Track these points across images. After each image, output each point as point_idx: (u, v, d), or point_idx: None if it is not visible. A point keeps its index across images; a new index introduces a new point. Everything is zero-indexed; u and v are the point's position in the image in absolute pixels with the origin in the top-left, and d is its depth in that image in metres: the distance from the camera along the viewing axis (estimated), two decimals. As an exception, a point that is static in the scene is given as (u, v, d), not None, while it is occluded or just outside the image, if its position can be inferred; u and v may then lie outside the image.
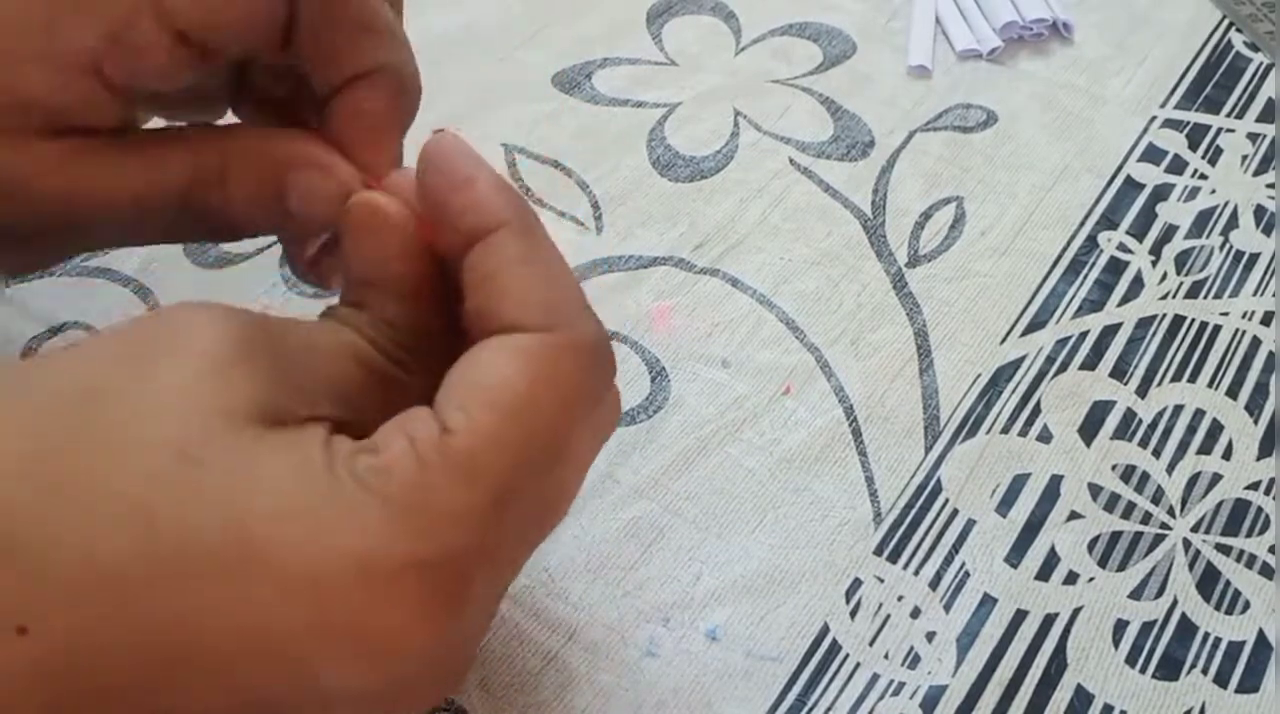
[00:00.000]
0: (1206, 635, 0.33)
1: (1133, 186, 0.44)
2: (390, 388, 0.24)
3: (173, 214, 0.27)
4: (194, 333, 0.22)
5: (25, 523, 0.20)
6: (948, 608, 0.33)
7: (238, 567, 0.20)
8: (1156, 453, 0.36)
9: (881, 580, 0.33)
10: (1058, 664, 0.32)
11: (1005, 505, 0.35)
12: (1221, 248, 0.42)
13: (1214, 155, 0.45)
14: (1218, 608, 0.33)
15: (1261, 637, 0.33)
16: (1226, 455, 0.36)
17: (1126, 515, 0.35)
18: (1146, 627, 0.33)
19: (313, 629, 0.21)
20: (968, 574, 0.34)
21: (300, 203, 0.27)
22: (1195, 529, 0.35)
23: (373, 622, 0.21)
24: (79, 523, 0.20)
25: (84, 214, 0.26)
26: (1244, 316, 0.40)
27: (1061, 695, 0.31)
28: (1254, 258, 0.42)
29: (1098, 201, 0.44)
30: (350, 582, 0.20)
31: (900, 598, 0.33)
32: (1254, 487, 0.36)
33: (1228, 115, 0.47)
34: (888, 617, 0.33)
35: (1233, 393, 0.38)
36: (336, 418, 0.23)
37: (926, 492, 0.35)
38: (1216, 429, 0.37)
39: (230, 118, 0.31)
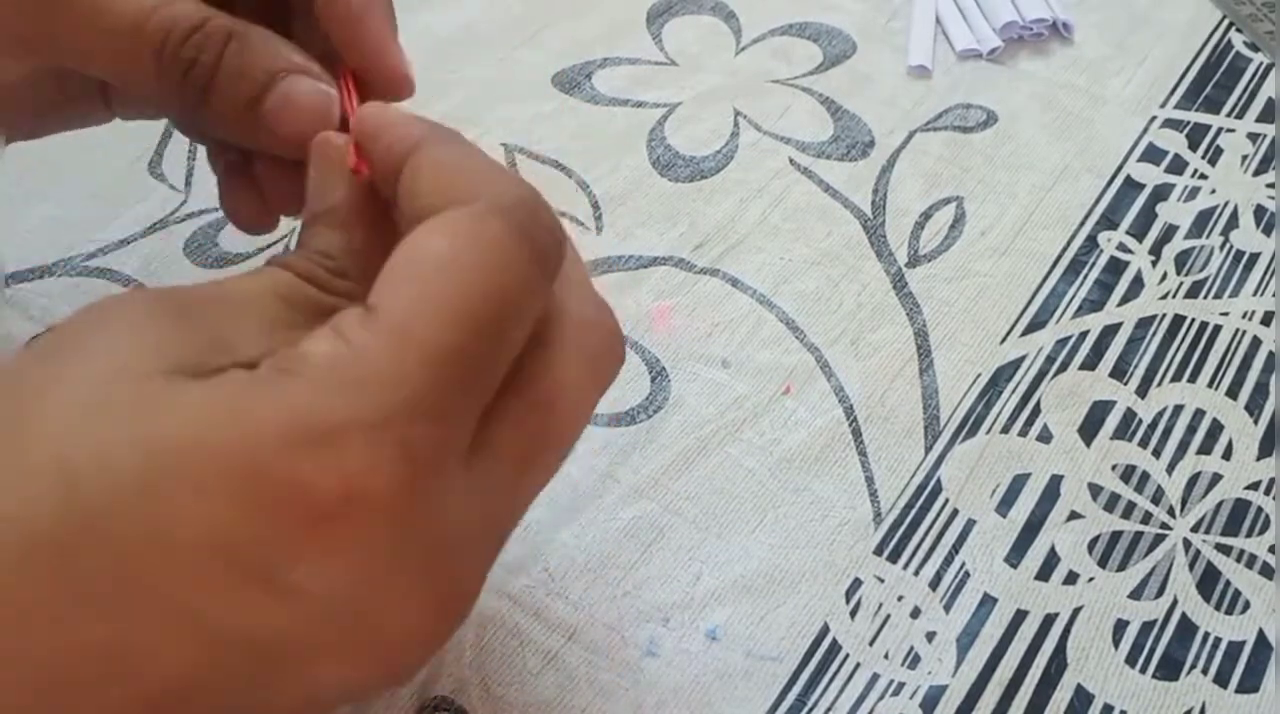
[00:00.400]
0: (1206, 635, 0.33)
1: (1133, 186, 0.44)
2: (326, 317, 0.23)
3: (159, 61, 0.27)
4: (98, 317, 0.22)
5: None
6: (948, 608, 0.33)
7: (169, 488, 0.19)
8: (1156, 453, 0.36)
9: (881, 580, 0.33)
10: (1058, 664, 0.32)
11: (1005, 505, 0.35)
12: (1221, 248, 0.42)
13: (1214, 155, 0.45)
14: (1218, 608, 0.33)
15: (1261, 637, 0.33)
16: (1226, 455, 0.36)
17: (1126, 515, 0.35)
18: (1146, 627, 0.33)
19: (252, 515, 0.19)
20: (968, 574, 0.34)
21: (276, 104, 0.27)
22: (1195, 529, 0.35)
23: (308, 489, 0.19)
24: (3, 491, 0.19)
25: (80, 12, 0.26)
26: (1244, 316, 0.40)
27: (1061, 695, 0.31)
28: (1254, 258, 0.42)
29: (1098, 201, 0.44)
30: (276, 453, 0.19)
31: (900, 598, 0.33)
32: (1254, 487, 0.36)
33: (1228, 115, 0.47)
34: (888, 617, 0.33)
35: (1233, 393, 0.38)
36: (259, 359, 0.22)
37: (926, 492, 0.35)
38: (1216, 429, 0.37)
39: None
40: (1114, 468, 0.36)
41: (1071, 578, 0.34)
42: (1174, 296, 0.41)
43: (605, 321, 0.25)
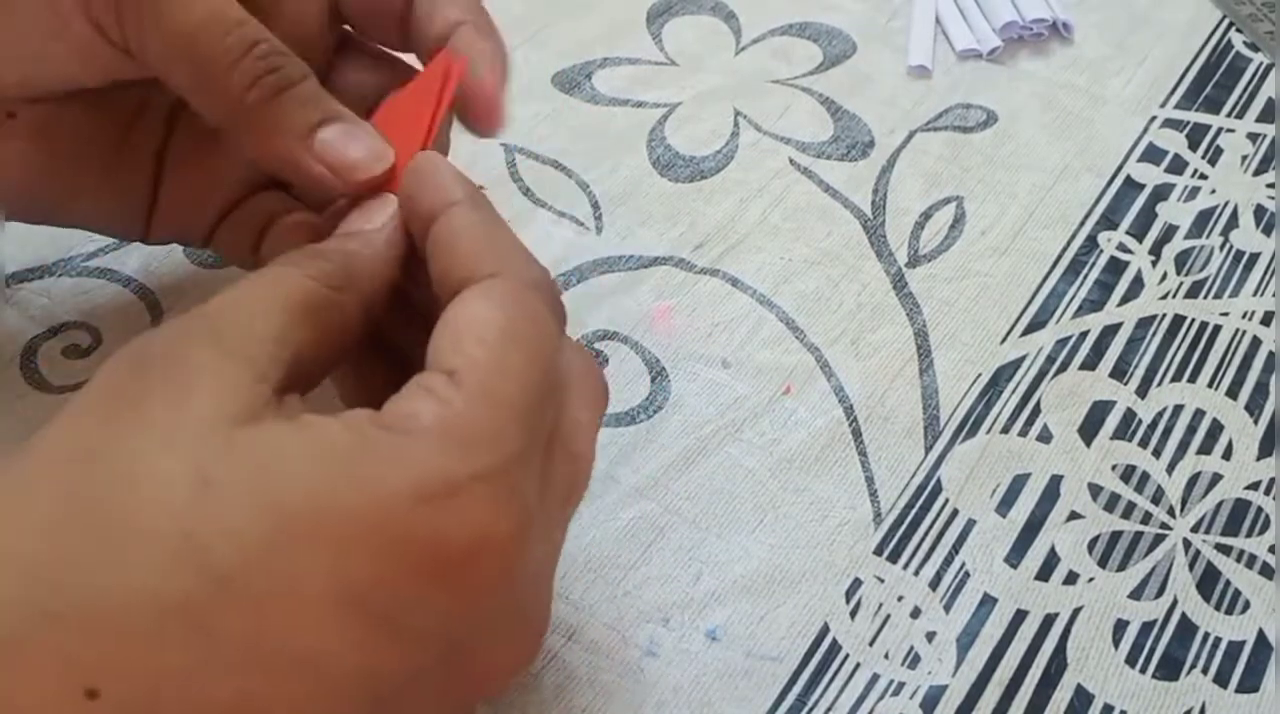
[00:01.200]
0: (1206, 635, 0.33)
1: (1133, 186, 0.44)
2: (326, 309, 0.25)
3: (222, 67, 0.28)
4: (142, 374, 0.22)
5: (72, 577, 0.20)
6: (948, 608, 0.33)
7: (297, 548, 0.20)
8: (1156, 453, 0.36)
9: (881, 580, 0.33)
10: (1058, 664, 0.32)
11: (1005, 505, 0.35)
12: (1221, 248, 0.42)
13: (1214, 155, 0.45)
14: (1218, 608, 0.33)
15: (1261, 637, 0.33)
16: (1226, 455, 0.36)
17: (1126, 515, 0.35)
18: (1146, 627, 0.33)
19: (385, 569, 0.21)
20: (968, 574, 0.34)
21: (332, 143, 0.28)
22: (1195, 529, 0.35)
23: (440, 540, 0.21)
24: (127, 567, 0.20)
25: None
26: (1244, 316, 0.40)
27: (1061, 695, 0.31)
28: (1254, 258, 0.42)
29: (1098, 201, 0.44)
30: (412, 509, 0.21)
31: (900, 598, 0.33)
32: (1254, 487, 0.36)
33: (1228, 115, 0.47)
34: (888, 617, 0.33)
35: (1233, 393, 0.38)
36: (288, 366, 0.23)
37: (926, 492, 0.35)
38: (1216, 429, 0.37)
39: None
40: (1114, 468, 0.36)
41: (1071, 578, 0.34)
42: (1174, 296, 0.41)
43: (594, 368, 0.28)
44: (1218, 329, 0.40)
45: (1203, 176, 0.45)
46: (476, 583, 0.22)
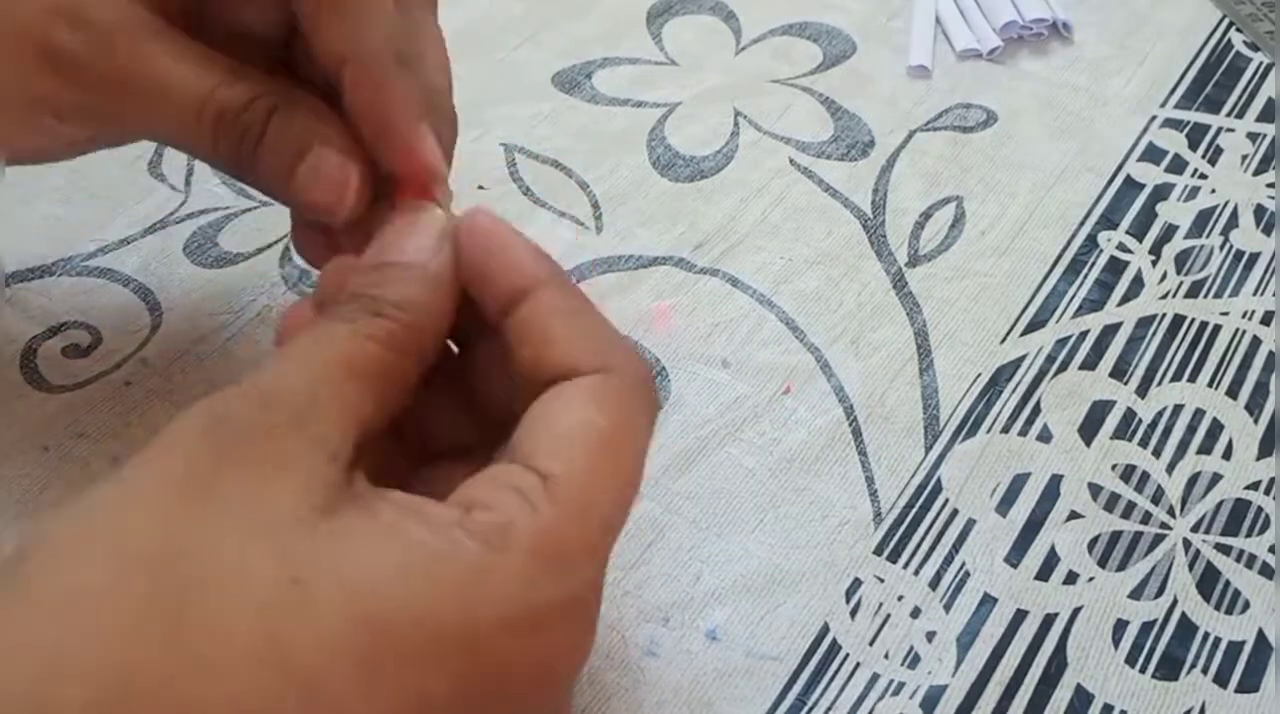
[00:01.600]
0: (1206, 635, 0.33)
1: (1133, 186, 0.44)
2: (390, 375, 0.24)
3: (214, 135, 0.28)
4: (218, 459, 0.22)
5: (155, 685, 0.19)
6: (948, 608, 0.33)
7: (386, 662, 0.20)
8: (1156, 453, 0.36)
9: (881, 580, 0.33)
10: (1058, 664, 0.32)
11: (1005, 505, 0.35)
12: (1221, 248, 0.42)
13: (1214, 155, 0.45)
14: (1218, 608, 0.33)
15: (1261, 637, 0.33)
16: (1226, 455, 0.36)
17: (1126, 515, 0.35)
18: (1146, 626, 0.33)
19: (462, 692, 0.21)
20: (968, 574, 0.34)
21: (302, 176, 0.28)
22: (1195, 529, 0.35)
23: (517, 667, 0.22)
24: (209, 673, 0.19)
25: (142, 92, 0.28)
26: (1244, 316, 0.40)
27: (1061, 695, 0.31)
28: (1254, 258, 0.42)
29: (1098, 201, 0.44)
30: (497, 637, 0.21)
31: (900, 598, 0.33)
32: (1254, 487, 0.36)
33: (1228, 115, 0.47)
34: (888, 616, 0.33)
35: (1233, 393, 0.38)
36: (356, 441, 0.23)
37: (926, 491, 0.35)
38: (1216, 429, 0.37)
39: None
40: (1114, 468, 0.36)
41: (1071, 578, 0.34)
42: (1174, 296, 0.41)
43: None
44: (1218, 329, 0.40)
45: (1203, 176, 0.45)
46: (541, 698, 0.23)
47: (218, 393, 0.23)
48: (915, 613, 0.33)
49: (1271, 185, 0.44)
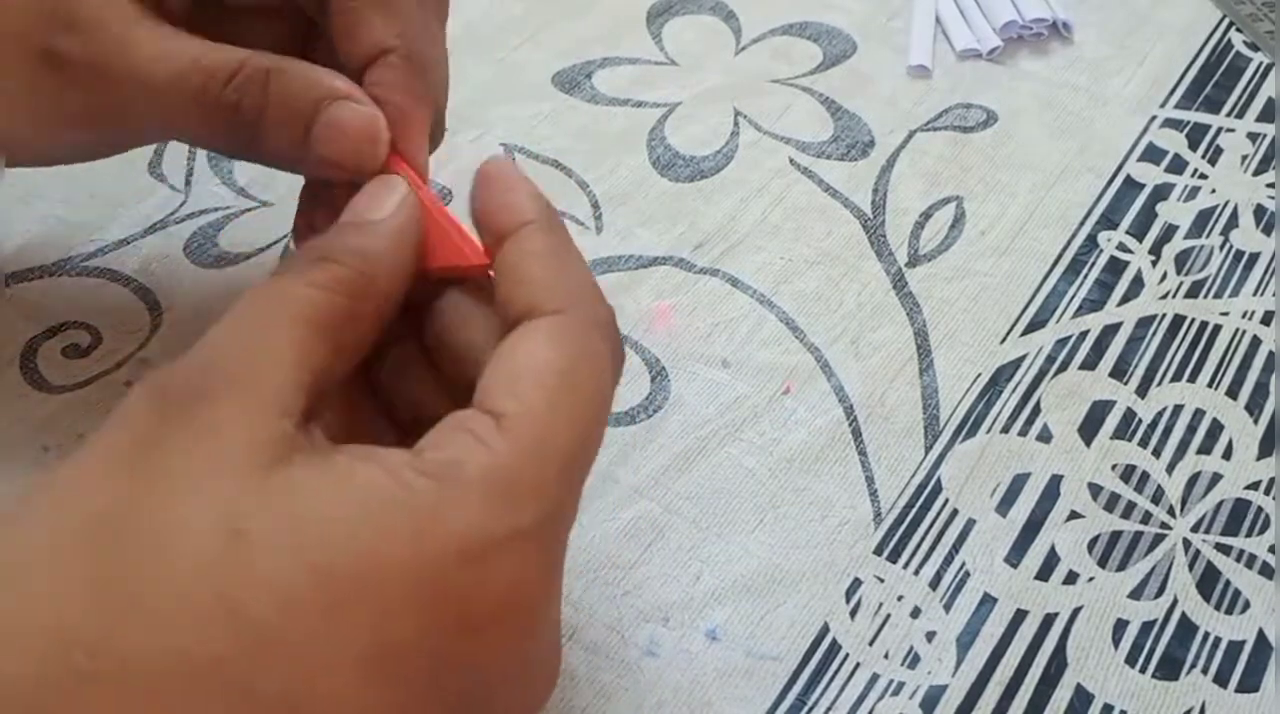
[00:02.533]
0: (1206, 635, 0.33)
1: (1133, 186, 0.44)
2: (344, 323, 0.24)
3: (204, 109, 0.28)
4: (165, 417, 0.22)
5: (106, 642, 0.19)
6: (948, 608, 0.33)
7: (339, 607, 0.20)
8: (1156, 453, 0.36)
9: (881, 580, 0.33)
10: (1058, 664, 0.32)
11: (1005, 505, 0.35)
12: (1221, 248, 0.42)
13: (1214, 155, 0.45)
14: (1218, 608, 0.33)
15: (1261, 637, 0.33)
16: (1226, 455, 0.36)
17: (1126, 515, 0.35)
18: (1146, 626, 0.33)
19: (426, 627, 0.21)
20: (968, 574, 0.34)
21: (323, 130, 0.28)
22: (1195, 529, 0.35)
23: (478, 597, 0.21)
24: (160, 629, 0.20)
25: (130, 79, 0.27)
26: (1244, 316, 0.40)
27: (1061, 695, 0.31)
28: (1254, 258, 0.42)
29: (1098, 201, 0.44)
30: (453, 568, 0.21)
31: (900, 598, 0.33)
32: (1254, 487, 0.36)
33: (1228, 115, 0.47)
34: (888, 616, 0.33)
35: (1233, 393, 0.38)
36: (308, 392, 0.23)
37: (926, 491, 0.35)
38: (1216, 429, 0.37)
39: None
40: (1114, 468, 0.36)
41: (1071, 578, 0.34)
42: (1174, 296, 0.41)
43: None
44: (1218, 329, 0.40)
45: (1203, 176, 0.45)
46: (507, 635, 0.22)
47: (165, 365, 0.23)
48: (915, 613, 0.33)
49: (1271, 185, 0.44)
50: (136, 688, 0.19)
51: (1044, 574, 0.34)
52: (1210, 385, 0.38)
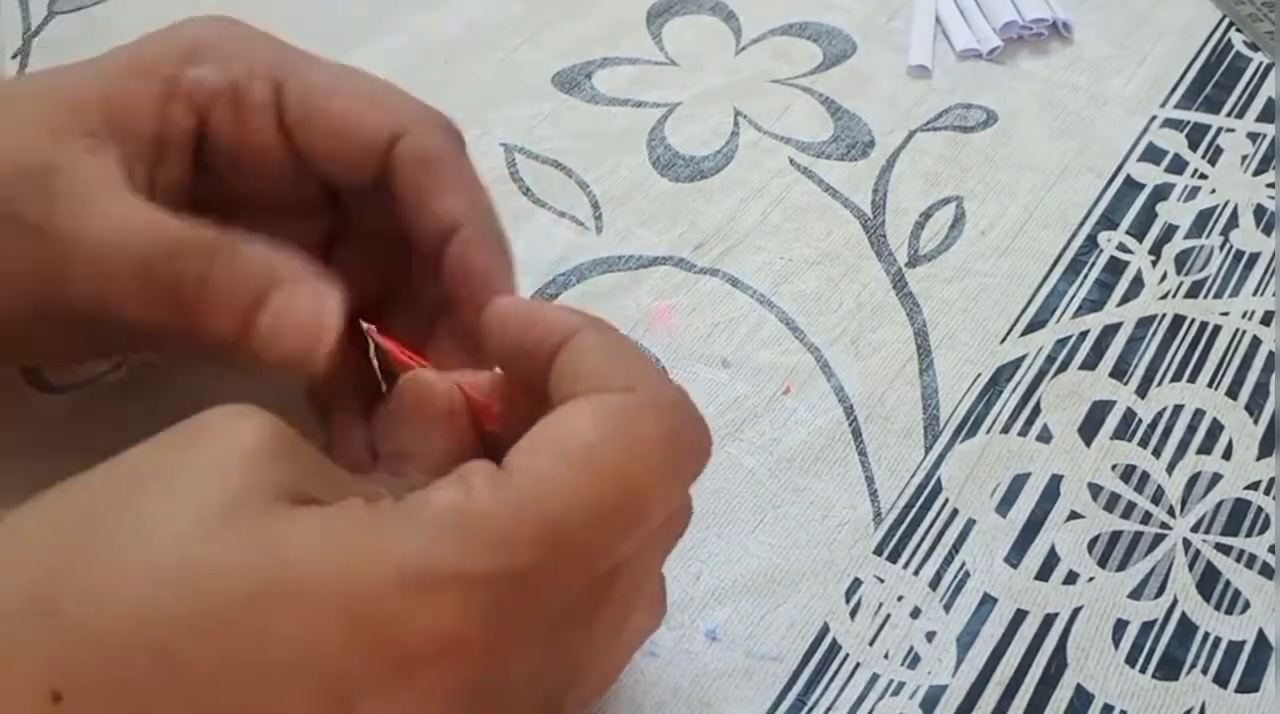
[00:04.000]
0: (1206, 635, 0.33)
1: (1133, 186, 0.44)
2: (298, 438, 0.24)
3: (143, 281, 0.26)
4: (225, 427, 0.22)
5: (65, 586, 0.20)
6: (948, 608, 0.33)
7: (273, 607, 0.20)
8: (1156, 453, 0.36)
9: (881, 580, 0.33)
10: (1058, 664, 0.32)
11: (1005, 505, 0.35)
12: (1221, 248, 0.42)
13: (1214, 155, 0.45)
14: (1218, 608, 0.33)
15: (1261, 637, 0.33)
16: (1226, 455, 0.36)
17: (1126, 515, 0.35)
18: (1146, 626, 0.33)
19: (351, 645, 0.20)
20: (968, 574, 0.34)
21: (272, 322, 0.26)
22: (1195, 529, 0.35)
23: (409, 631, 0.20)
24: (123, 578, 0.20)
25: (73, 237, 0.26)
26: (1244, 316, 0.40)
27: (1061, 695, 0.31)
28: (1254, 258, 0.42)
29: (1098, 201, 0.44)
30: (388, 591, 0.20)
31: (900, 598, 0.33)
32: (1254, 487, 0.36)
33: (1228, 115, 0.47)
34: (888, 616, 0.33)
35: (1233, 393, 0.38)
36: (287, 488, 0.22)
37: (926, 491, 0.35)
38: (1216, 429, 0.37)
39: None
40: (1114, 468, 0.36)
41: (1071, 578, 0.34)
42: (1174, 296, 0.41)
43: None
44: (1218, 329, 0.40)
45: (1203, 176, 0.45)
46: (435, 682, 0.21)
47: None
48: (915, 613, 0.33)
49: (1271, 185, 0.44)
50: (83, 630, 0.19)
51: (1044, 574, 0.34)
52: (1210, 385, 0.38)
